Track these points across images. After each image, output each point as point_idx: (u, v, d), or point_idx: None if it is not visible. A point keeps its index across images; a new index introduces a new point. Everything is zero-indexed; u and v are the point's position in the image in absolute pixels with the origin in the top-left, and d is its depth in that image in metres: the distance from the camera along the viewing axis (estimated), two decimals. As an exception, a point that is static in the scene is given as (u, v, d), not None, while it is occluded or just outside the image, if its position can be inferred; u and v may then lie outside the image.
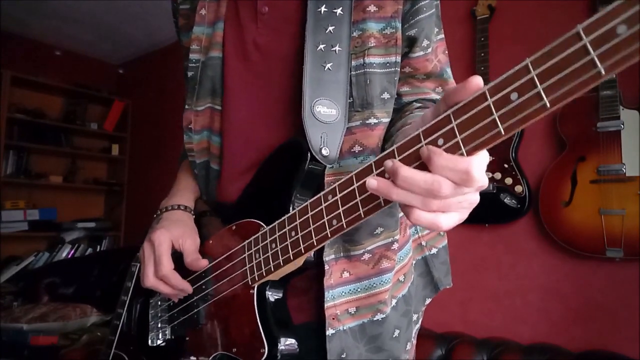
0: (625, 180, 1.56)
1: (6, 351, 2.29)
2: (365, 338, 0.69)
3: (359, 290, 0.70)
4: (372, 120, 0.69)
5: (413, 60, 0.73)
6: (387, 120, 0.72)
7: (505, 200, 1.86)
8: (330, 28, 0.67)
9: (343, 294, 0.69)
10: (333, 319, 0.66)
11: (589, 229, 1.63)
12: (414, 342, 0.79)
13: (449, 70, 0.79)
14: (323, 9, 0.68)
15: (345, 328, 0.67)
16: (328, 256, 0.67)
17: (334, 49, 0.67)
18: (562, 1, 1.87)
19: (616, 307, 1.67)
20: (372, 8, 0.68)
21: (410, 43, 0.72)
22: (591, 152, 1.64)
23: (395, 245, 0.72)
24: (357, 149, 0.69)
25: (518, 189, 1.84)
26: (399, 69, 0.71)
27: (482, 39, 1.98)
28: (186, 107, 0.80)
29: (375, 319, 0.70)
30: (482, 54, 1.96)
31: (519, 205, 1.84)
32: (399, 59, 0.70)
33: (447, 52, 0.79)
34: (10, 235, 3.34)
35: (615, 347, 1.63)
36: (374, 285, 0.70)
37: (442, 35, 0.78)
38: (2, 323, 2.36)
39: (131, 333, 0.87)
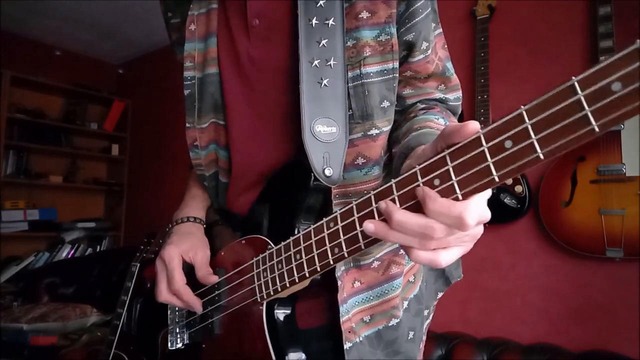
0: (625, 180, 1.56)
1: (6, 351, 2.29)
2: (382, 344, 0.70)
3: (371, 298, 0.71)
4: (374, 131, 0.68)
5: (414, 65, 0.72)
6: (389, 127, 0.71)
7: (505, 200, 1.86)
8: (324, 41, 0.66)
9: (356, 303, 0.69)
10: (349, 332, 0.67)
11: (589, 229, 1.63)
12: (424, 338, 0.80)
13: (450, 66, 0.77)
14: (314, 21, 0.66)
15: (361, 339, 0.68)
16: (339, 271, 0.67)
17: (329, 63, 0.65)
18: (562, 1, 1.87)
19: (616, 307, 1.67)
20: (364, 15, 0.66)
21: (409, 47, 0.70)
22: (591, 152, 1.64)
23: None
24: (360, 161, 0.69)
25: (518, 188, 1.84)
26: (397, 75, 0.69)
27: (482, 39, 1.98)
28: (188, 125, 0.79)
29: (390, 324, 0.71)
30: (482, 54, 1.97)
31: (519, 205, 1.84)
32: (396, 64, 0.68)
33: (446, 45, 0.77)
34: (10, 235, 3.34)
35: (615, 347, 1.63)
36: (386, 291, 0.71)
37: (440, 30, 0.76)
38: (2, 323, 2.36)
39: (131, 333, 0.87)
